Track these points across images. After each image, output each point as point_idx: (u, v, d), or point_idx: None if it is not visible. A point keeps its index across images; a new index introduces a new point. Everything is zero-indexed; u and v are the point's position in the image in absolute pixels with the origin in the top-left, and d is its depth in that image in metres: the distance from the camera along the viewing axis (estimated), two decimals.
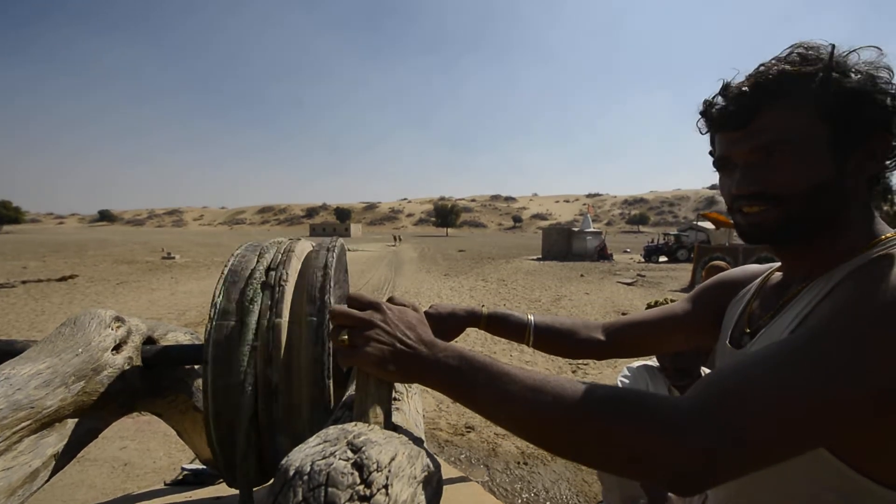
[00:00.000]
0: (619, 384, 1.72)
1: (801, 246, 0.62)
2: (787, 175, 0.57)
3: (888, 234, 0.56)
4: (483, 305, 1.01)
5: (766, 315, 0.64)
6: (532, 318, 0.97)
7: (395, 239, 50.94)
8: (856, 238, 0.57)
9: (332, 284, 0.82)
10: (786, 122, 0.56)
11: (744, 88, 0.58)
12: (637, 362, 1.75)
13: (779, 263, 0.71)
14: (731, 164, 0.62)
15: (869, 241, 0.56)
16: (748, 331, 0.67)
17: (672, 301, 1.63)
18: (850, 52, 0.57)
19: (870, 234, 0.57)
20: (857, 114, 0.55)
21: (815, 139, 0.55)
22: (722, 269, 3.73)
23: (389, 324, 0.56)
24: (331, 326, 0.58)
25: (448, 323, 0.97)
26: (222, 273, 0.82)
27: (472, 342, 5.76)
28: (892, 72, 0.56)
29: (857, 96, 0.54)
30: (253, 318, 0.76)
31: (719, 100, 0.62)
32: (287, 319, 0.77)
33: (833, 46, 0.57)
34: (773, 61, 0.59)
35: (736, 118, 0.59)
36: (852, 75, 0.55)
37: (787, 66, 0.57)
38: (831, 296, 0.53)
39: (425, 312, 0.99)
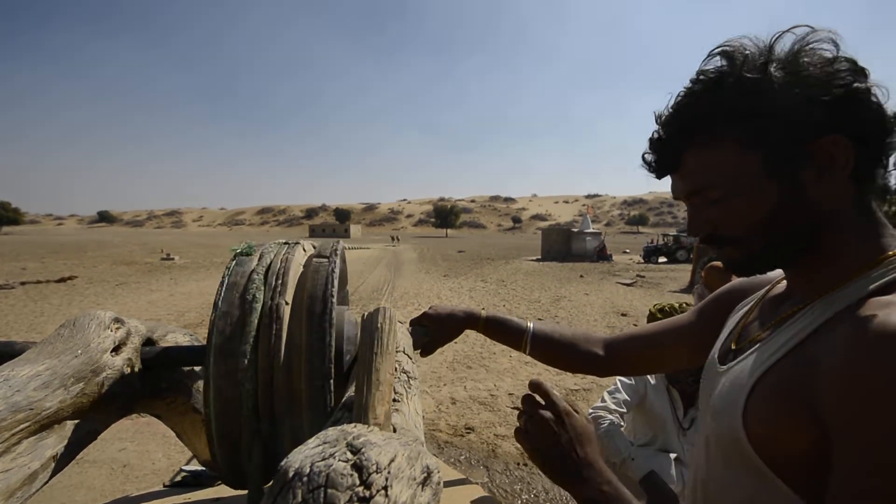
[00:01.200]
0: (619, 383, 1.72)
1: (790, 270, 0.57)
2: (729, 216, 0.53)
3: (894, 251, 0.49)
4: (483, 308, 1.00)
5: (759, 332, 0.58)
6: (531, 325, 0.94)
7: (393, 239, 51.48)
8: (855, 255, 0.50)
9: (335, 287, 0.82)
10: (710, 163, 0.52)
11: (661, 135, 0.55)
12: None
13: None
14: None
15: (874, 258, 0.48)
16: (734, 347, 0.61)
17: (681, 304, 1.64)
18: (775, 40, 0.49)
19: (874, 249, 0.49)
20: (788, 128, 0.48)
21: (747, 171, 0.50)
22: (721, 269, 3.73)
23: (568, 430, 0.60)
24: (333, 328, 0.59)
25: (446, 324, 0.97)
26: (223, 275, 0.82)
27: (472, 342, 5.76)
28: (829, 55, 0.48)
29: (783, 109, 0.47)
30: (254, 320, 0.76)
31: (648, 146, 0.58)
32: (288, 321, 0.78)
33: (747, 55, 0.49)
34: (689, 85, 0.52)
35: (663, 167, 0.57)
36: (774, 82, 0.47)
37: (701, 90, 0.51)
38: (834, 347, 0.44)
39: (424, 313, 0.99)
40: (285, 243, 0.96)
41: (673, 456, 1.65)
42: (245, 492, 0.78)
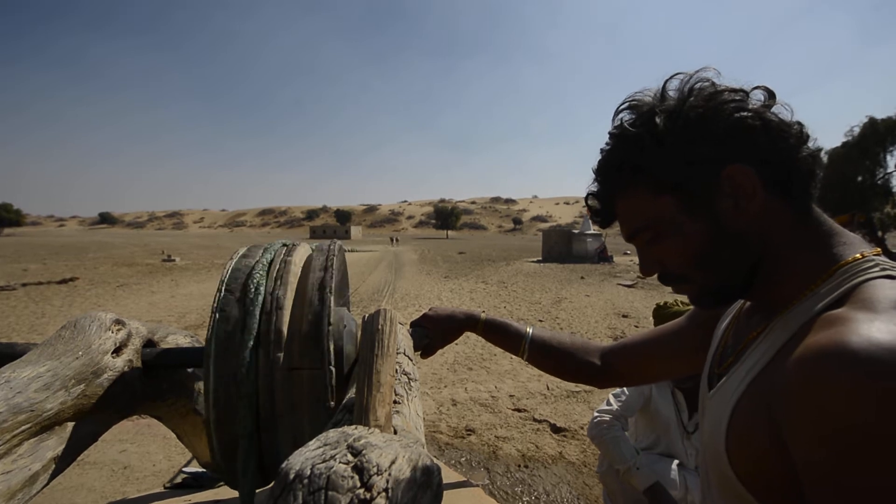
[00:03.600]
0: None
1: (748, 295, 0.57)
2: (666, 255, 0.56)
3: (851, 258, 0.48)
4: (483, 311, 1.00)
5: (733, 355, 0.57)
6: (531, 331, 0.94)
7: (392, 241, 52.02)
8: (805, 270, 0.50)
9: (333, 287, 0.82)
10: (635, 209, 0.55)
11: (594, 188, 0.59)
12: None
13: None
14: None
15: (826, 270, 0.49)
16: (717, 371, 0.60)
17: (681, 303, 1.63)
18: (665, 89, 0.53)
19: (824, 261, 0.49)
20: (688, 169, 0.51)
21: (666, 213, 0.53)
22: None
23: None
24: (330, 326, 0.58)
25: (446, 326, 0.97)
26: (223, 276, 0.82)
27: (473, 344, 5.76)
28: (710, 91, 0.51)
29: (678, 154, 0.50)
30: (254, 322, 0.76)
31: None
32: (289, 322, 0.78)
33: (644, 110, 0.53)
34: (608, 139, 0.56)
35: (600, 216, 0.61)
36: (666, 131, 0.50)
37: (611, 147, 0.55)
38: (787, 371, 0.43)
39: (424, 315, 0.99)
40: (284, 245, 0.96)
41: (675, 462, 1.64)
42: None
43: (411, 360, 0.81)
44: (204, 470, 1.68)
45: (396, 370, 0.68)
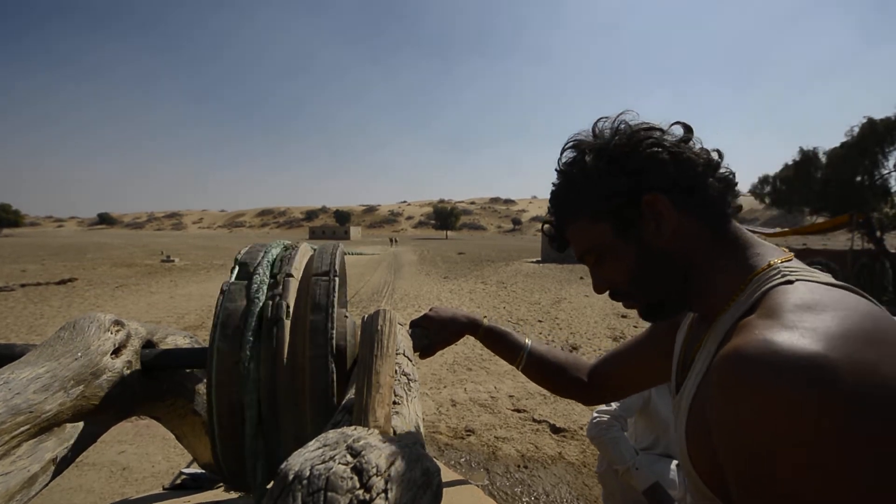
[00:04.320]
0: None
1: (689, 306, 0.63)
2: (610, 274, 0.63)
3: (761, 268, 0.53)
4: (486, 316, 1.00)
5: (684, 365, 0.63)
6: (529, 343, 0.96)
7: (391, 241, 52.26)
8: (728, 280, 0.55)
9: (335, 290, 0.82)
10: (580, 235, 0.63)
11: (548, 216, 0.68)
12: None
13: None
14: None
15: (745, 279, 0.54)
16: (679, 378, 0.64)
17: None
18: (597, 128, 0.61)
19: (743, 270, 0.55)
20: (615, 200, 0.58)
21: (604, 238, 0.61)
22: None
23: None
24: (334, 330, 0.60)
25: (447, 328, 0.97)
26: (226, 279, 0.82)
27: (473, 344, 5.75)
28: (631, 128, 0.59)
29: (605, 187, 0.58)
30: (256, 324, 0.76)
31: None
32: (290, 324, 0.78)
33: (582, 148, 0.61)
34: (555, 177, 0.65)
35: (555, 241, 0.68)
36: (596, 169, 0.58)
37: (557, 183, 0.64)
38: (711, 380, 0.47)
39: (425, 315, 0.99)
40: (286, 247, 0.96)
41: (675, 463, 1.64)
42: (244, 494, 0.78)
43: (411, 361, 0.81)
44: (203, 471, 1.67)
45: (396, 371, 0.68)
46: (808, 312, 0.42)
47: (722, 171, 0.58)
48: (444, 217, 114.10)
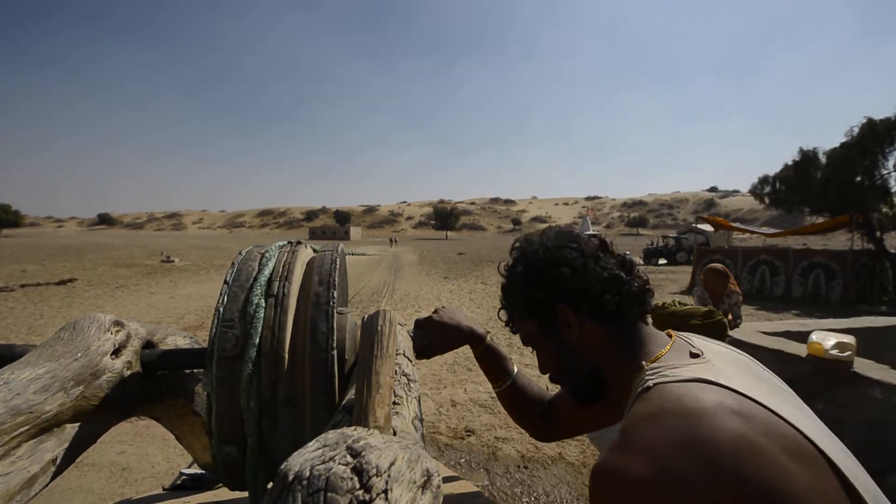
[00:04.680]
0: None
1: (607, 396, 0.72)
2: (544, 362, 0.75)
3: (639, 370, 0.62)
4: (489, 332, 1.00)
5: None
6: (516, 370, 1.02)
7: (391, 242, 52.31)
8: (629, 375, 0.64)
9: (336, 291, 0.82)
10: (520, 327, 0.77)
11: (502, 302, 0.79)
12: None
13: None
14: None
15: (633, 379, 0.62)
16: None
17: (678, 303, 1.64)
18: (529, 239, 0.75)
19: (635, 368, 0.63)
20: (536, 307, 0.71)
21: (534, 333, 0.74)
22: (719, 272, 3.73)
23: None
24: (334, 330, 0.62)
25: (448, 335, 0.96)
26: (226, 278, 0.82)
27: None
28: (544, 250, 0.71)
29: (525, 295, 0.72)
30: (256, 324, 0.76)
31: None
32: (291, 325, 0.77)
33: (521, 255, 0.74)
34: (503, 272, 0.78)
35: (508, 327, 0.80)
36: (523, 280, 0.72)
37: (505, 279, 0.77)
38: None
39: (429, 317, 0.98)
40: (288, 246, 0.96)
41: None
42: (244, 494, 0.78)
43: (411, 362, 0.81)
44: (203, 471, 1.67)
45: (396, 371, 0.68)
46: (648, 425, 0.50)
47: (626, 285, 0.68)
48: (444, 217, 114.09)
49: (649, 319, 0.73)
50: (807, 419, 0.52)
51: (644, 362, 0.63)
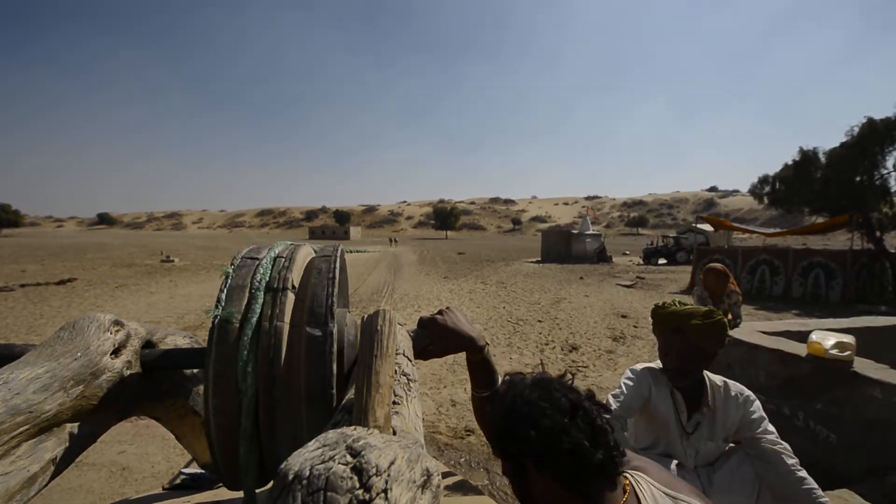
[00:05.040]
0: (623, 386, 1.71)
1: None
2: (517, 497, 0.81)
3: None
4: (488, 344, 1.00)
5: None
6: (499, 383, 1.01)
7: (391, 241, 52.40)
8: None
9: (335, 291, 0.82)
10: (502, 457, 0.82)
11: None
12: (641, 364, 1.74)
13: None
14: None
15: None
16: None
17: (679, 303, 1.63)
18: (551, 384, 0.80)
19: None
20: (508, 453, 0.78)
21: (510, 470, 0.80)
22: (719, 271, 3.73)
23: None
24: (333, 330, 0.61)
25: (446, 338, 0.95)
26: (225, 278, 0.82)
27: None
28: (528, 405, 0.76)
29: (504, 440, 0.78)
30: (255, 324, 0.76)
31: None
32: (289, 325, 0.77)
33: (508, 403, 0.79)
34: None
35: (493, 445, 0.86)
36: (503, 422, 0.78)
37: (499, 413, 0.82)
38: None
39: (433, 318, 0.97)
40: (287, 246, 0.96)
41: (674, 463, 1.64)
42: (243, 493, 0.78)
43: (410, 361, 0.81)
44: (203, 471, 1.67)
45: (396, 371, 0.68)
46: None
47: (588, 458, 0.72)
48: (444, 217, 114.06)
49: (620, 482, 0.79)
50: None
51: None
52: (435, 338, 0.96)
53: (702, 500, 0.83)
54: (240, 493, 0.79)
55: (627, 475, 0.84)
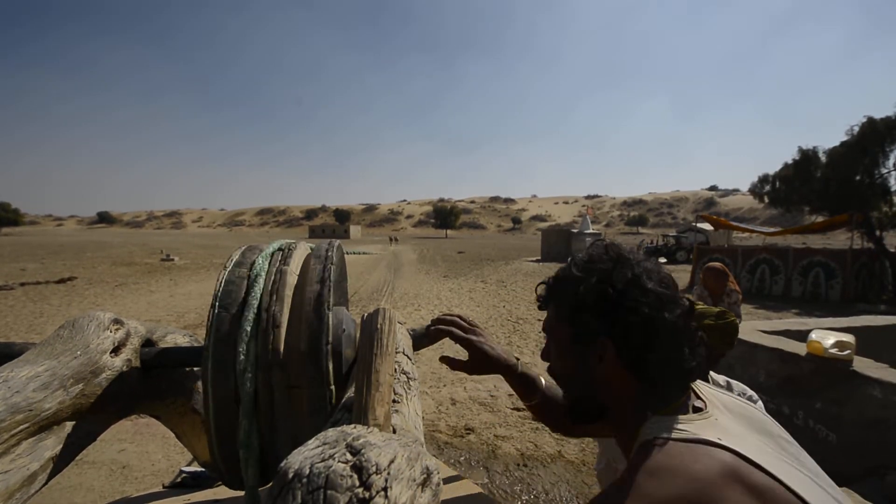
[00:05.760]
0: None
1: (602, 424, 0.70)
2: (554, 360, 0.73)
3: (648, 415, 0.62)
4: (518, 358, 0.99)
5: None
6: (545, 384, 1.00)
7: (391, 240, 52.34)
8: (633, 424, 0.63)
9: (331, 288, 0.82)
10: (551, 317, 0.73)
11: (544, 292, 0.76)
12: None
13: None
14: None
15: (642, 422, 0.62)
16: None
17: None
18: (616, 268, 0.67)
19: (642, 418, 0.63)
20: (583, 321, 0.66)
21: (563, 336, 0.69)
22: (719, 270, 3.73)
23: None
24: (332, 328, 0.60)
25: (483, 363, 0.94)
26: (221, 277, 0.82)
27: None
28: (616, 289, 0.65)
29: (583, 307, 0.66)
30: (252, 322, 0.76)
31: None
32: (287, 323, 0.77)
33: (600, 268, 0.67)
34: (569, 267, 0.72)
35: (540, 301, 0.77)
36: (582, 294, 0.66)
37: (572, 270, 0.70)
38: None
39: (471, 342, 0.94)
40: (283, 245, 0.96)
41: None
42: (243, 492, 0.78)
43: (410, 360, 0.81)
44: (203, 469, 1.67)
45: (395, 369, 0.68)
46: (650, 480, 0.52)
47: (683, 363, 0.63)
48: (444, 216, 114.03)
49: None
50: (812, 484, 0.54)
51: (650, 412, 0.63)
52: (474, 360, 0.94)
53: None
54: (240, 492, 0.79)
55: None
